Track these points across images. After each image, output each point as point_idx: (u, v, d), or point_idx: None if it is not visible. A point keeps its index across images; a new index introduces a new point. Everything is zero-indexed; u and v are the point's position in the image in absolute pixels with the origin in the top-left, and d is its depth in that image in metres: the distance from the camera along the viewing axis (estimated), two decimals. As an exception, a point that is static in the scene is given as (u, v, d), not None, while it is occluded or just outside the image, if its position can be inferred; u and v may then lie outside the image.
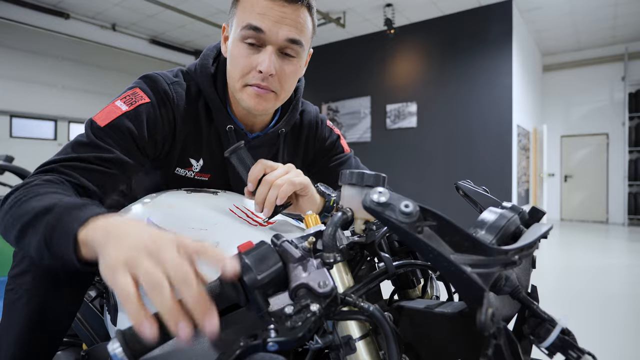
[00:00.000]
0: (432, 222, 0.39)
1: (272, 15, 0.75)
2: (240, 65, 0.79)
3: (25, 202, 0.60)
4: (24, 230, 0.57)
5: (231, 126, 0.87)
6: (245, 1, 0.78)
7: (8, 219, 0.61)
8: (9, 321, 0.78)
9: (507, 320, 0.48)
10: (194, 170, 0.90)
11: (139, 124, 0.78)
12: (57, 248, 0.52)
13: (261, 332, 0.38)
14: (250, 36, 0.76)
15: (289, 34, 0.77)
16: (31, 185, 0.64)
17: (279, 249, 0.44)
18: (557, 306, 3.00)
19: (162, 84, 0.83)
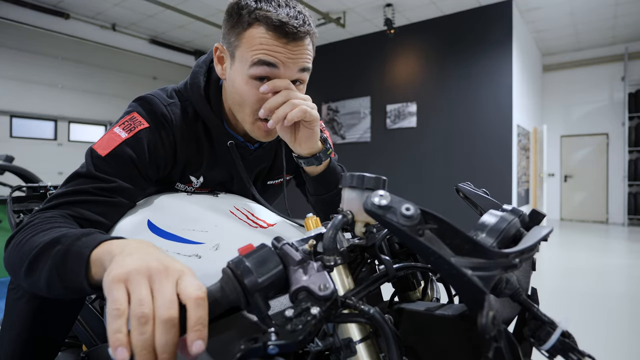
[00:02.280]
0: (433, 224, 0.39)
1: (283, 52, 0.74)
2: (251, 102, 0.78)
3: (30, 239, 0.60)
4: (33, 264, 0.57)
5: (232, 142, 0.87)
6: (252, 36, 0.74)
7: (15, 258, 0.61)
8: (10, 320, 0.78)
9: (507, 322, 0.48)
10: (193, 187, 0.91)
11: (139, 150, 0.77)
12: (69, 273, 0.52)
13: (262, 335, 0.38)
14: (262, 73, 0.75)
15: (300, 65, 0.77)
16: (33, 225, 0.64)
17: (280, 251, 0.44)
18: (557, 306, 3.00)
19: (160, 107, 0.82)
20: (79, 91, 6.83)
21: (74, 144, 6.86)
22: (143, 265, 0.40)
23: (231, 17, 0.77)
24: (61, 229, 0.61)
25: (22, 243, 0.61)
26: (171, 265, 0.41)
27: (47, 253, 0.56)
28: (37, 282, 0.57)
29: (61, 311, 0.79)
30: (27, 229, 0.64)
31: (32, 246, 0.58)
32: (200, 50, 8.17)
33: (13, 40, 5.98)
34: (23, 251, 0.59)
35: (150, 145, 0.79)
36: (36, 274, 0.57)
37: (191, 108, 0.86)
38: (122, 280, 0.39)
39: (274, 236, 0.46)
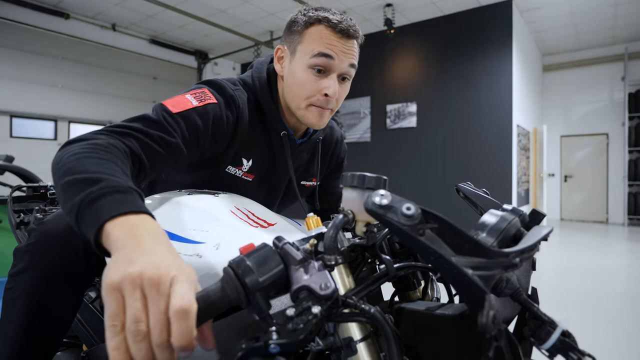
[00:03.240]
0: (434, 224, 0.39)
1: (338, 46, 0.89)
2: (308, 89, 0.91)
3: (83, 158, 0.61)
4: (68, 186, 0.57)
5: (285, 132, 0.99)
6: (313, 33, 0.89)
7: (62, 166, 0.61)
8: (6, 320, 0.78)
9: (507, 322, 0.48)
10: (243, 170, 0.98)
11: (205, 121, 0.84)
12: (85, 223, 0.51)
13: (263, 334, 0.38)
14: (320, 63, 0.88)
15: (350, 60, 0.91)
16: (95, 144, 0.65)
17: (281, 251, 0.44)
18: (557, 306, 3.00)
19: (228, 90, 0.91)
20: (79, 91, 6.83)
21: (74, 144, 6.85)
22: (136, 273, 0.39)
23: (294, 22, 0.94)
24: (113, 165, 0.61)
25: (74, 155, 0.61)
26: (164, 273, 0.40)
27: (82, 186, 0.55)
28: (63, 203, 0.57)
29: (59, 310, 0.79)
30: (88, 143, 0.65)
31: (77, 168, 0.58)
32: (200, 50, 8.16)
33: (13, 40, 5.98)
34: (70, 166, 0.59)
35: (215, 120, 0.86)
36: (65, 196, 0.56)
37: (252, 97, 0.96)
38: (116, 288, 0.39)
39: (275, 235, 0.46)
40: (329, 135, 1.18)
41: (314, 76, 0.90)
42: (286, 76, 0.95)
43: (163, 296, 0.39)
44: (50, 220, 0.78)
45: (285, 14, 6.24)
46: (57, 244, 0.75)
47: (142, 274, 0.39)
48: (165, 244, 0.46)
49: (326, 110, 0.94)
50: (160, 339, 0.37)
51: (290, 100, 0.95)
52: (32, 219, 1.39)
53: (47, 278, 0.76)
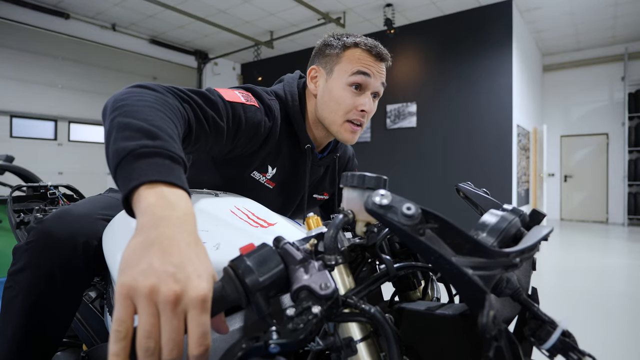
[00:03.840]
0: (434, 224, 0.39)
1: (374, 66, 1.00)
2: (346, 104, 0.99)
3: (151, 108, 0.60)
4: (124, 127, 0.55)
5: (309, 145, 1.05)
6: (351, 53, 0.99)
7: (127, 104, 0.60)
8: (5, 319, 0.78)
9: (507, 322, 0.48)
10: (266, 177, 1.03)
11: (247, 119, 0.90)
12: (123, 174, 0.50)
13: (263, 334, 0.38)
14: (358, 81, 0.98)
15: (382, 80, 1.02)
16: (162, 99, 0.66)
17: (281, 251, 0.44)
18: (557, 306, 3.00)
19: (266, 99, 0.98)
20: (79, 91, 6.83)
21: (74, 144, 6.86)
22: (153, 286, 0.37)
23: (329, 45, 1.03)
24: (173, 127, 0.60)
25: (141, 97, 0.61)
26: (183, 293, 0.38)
27: (138, 134, 0.53)
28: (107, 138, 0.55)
29: (58, 310, 0.79)
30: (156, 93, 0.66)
31: (141, 115, 0.57)
32: (200, 50, 8.16)
33: (13, 40, 5.98)
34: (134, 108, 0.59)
35: (255, 121, 0.91)
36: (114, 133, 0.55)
37: (284, 109, 1.02)
38: (129, 296, 0.38)
39: (275, 235, 0.46)
40: (343, 152, 1.24)
41: (352, 93, 0.98)
42: (321, 94, 1.03)
43: (177, 314, 0.38)
44: (49, 219, 0.78)
45: (285, 14, 6.24)
46: (56, 243, 0.75)
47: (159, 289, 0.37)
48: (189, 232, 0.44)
49: (358, 129, 1.02)
50: (170, 358, 0.37)
51: (326, 117, 1.02)
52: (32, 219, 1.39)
53: (46, 277, 0.75)
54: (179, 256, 0.40)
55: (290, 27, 6.78)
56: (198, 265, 0.40)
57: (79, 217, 0.79)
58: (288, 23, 6.64)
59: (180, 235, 0.42)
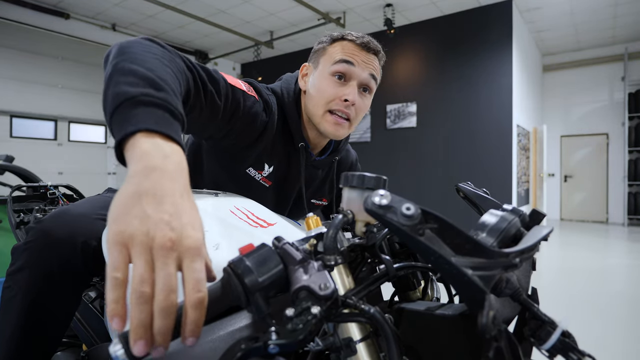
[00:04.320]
0: (434, 224, 0.39)
1: (360, 56, 0.96)
2: (327, 94, 0.95)
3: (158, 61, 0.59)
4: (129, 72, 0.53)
5: (303, 144, 1.02)
6: (336, 45, 0.98)
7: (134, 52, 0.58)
8: (4, 319, 0.78)
9: (507, 322, 0.48)
10: (262, 174, 1.00)
11: (246, 107, 0.88)
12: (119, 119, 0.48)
13: (262, 334, 0.38)
14: (341, 69, 0.94)
15: (370, 71, 0.97)
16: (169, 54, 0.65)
17: (280, 251, 0.44)
18: (557, 306, 3.00)
19: (265, 94, 0.97)
20: (79, 91, 6.83)
21: (74, 144, 6.86)
22: (149, 232, 0.37)
23: (320, 42, 1.02)
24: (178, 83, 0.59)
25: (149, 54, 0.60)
26: (178, 240, 0.38)
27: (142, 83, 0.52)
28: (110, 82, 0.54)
29: (57, 309, 0.79)
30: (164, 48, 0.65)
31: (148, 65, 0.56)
32: (200, 50, 8.16)
33: (13, 40, 5.98)
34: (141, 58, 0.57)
35: (252, 112, 0.90)
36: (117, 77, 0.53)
37: (280, 107, 1.00)
38: (124, 244, 0.37)
39: (275, 236, 0.46)
40: (344, 158, 1.22)
41: (335, 82, 0.95)
42: (308, 88, 1.01)
43: (173, 263, 0.38)
44: (48, 219, 0.78)
45: (285, 14, 6.24)
46: (55, 242, 0.75)
47: (154, 235, 0.37)
48: (182, 185, 0.43)
49: (344, 122, 0.97)
50: (165, 304, 0.36)
51: (310, 110, 0.99)
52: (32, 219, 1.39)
53: (45, 276, 0.75)
54: (173, 206, 0.40)
55: (290, 27, 6.78)
56: (192, 216, 0.41)
57: (77, 217, 0.79)
58: (288, 23, 6.64)
59: (174, 186, 0.42)
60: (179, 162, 0.45)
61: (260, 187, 1.02)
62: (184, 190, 0.43)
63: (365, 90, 0.99)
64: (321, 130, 0.99)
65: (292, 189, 1.08)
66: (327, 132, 0.98)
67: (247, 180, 1.00)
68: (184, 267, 0.38)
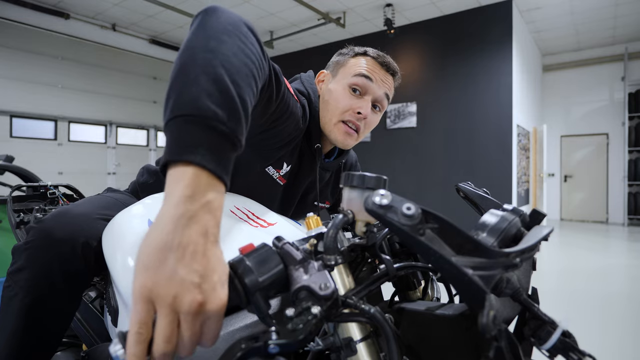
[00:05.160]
0: (434, 224, 0.39)
1: (379, 73, 1.00)
2: (343, 104, 0.98)
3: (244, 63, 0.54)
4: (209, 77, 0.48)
5: (319, 145, 1.04)
6: (358, 59, 1.01)
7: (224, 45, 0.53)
8: (4, 319, 0.78)
9: (507, 322, 0.48)
10: (280, 173, 1.00)
11: (287, 105, 0.85)
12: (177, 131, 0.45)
13: (262, 334, 0.38)
14: (359, 83, 0.98)
15: (385, 90, 1.01)
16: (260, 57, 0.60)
17: (280, 251, 0.44)
18: (557, 306, 3.00)
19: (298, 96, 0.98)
20: (79, 91, 6.83)
21: (74, 144, 6.86)
22: (177, 295, 0.37)
23: (341, 53, 1.06)
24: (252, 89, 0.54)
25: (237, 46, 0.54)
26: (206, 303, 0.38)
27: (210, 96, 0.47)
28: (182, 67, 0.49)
29: (57, 309, 0.79)
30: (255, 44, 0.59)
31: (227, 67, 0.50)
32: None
33: (13, 40, 5.98)
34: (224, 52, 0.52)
35: (292, 113, 0.89)
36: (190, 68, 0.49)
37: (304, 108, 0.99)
38: (150, 300, 0.38)
39: (275, 235, 0.46)
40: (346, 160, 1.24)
41: (351, 94, 0.98)
42: (323, 95, 1.03)
43: (197, 324, 0.39)
44: (48, 219, 0.78)
45: (285, 14, 6.24)
46: (56, 242, 0.75)
47: (183, 299, 0.37)
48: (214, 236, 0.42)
49: (354, 133, 1.00)
50: (185, 354, 0.39)
51: (323, 116, 1.02)
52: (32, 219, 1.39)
53: (45, 276, 0.75)
54: (204, 264, 0.39)
55: (290, 27, 6.78)
56: (221, 272, 0.40)
57: (78, 216, 0.79)
58: (288, 23, 6.64)
59: (205, 239, 0.40)
60: (216, 210, 0.43)
61: (274, 185, 1.00)
62: (215, 241, 0.42)
63: (377, 108, 1.03)
64: (331, 138, 1.01)
65: (300, 188, 1.08)
66: (336, 141, 1.01)
67: (264, 177, 0.97)
68: (205, 326, 0.40)
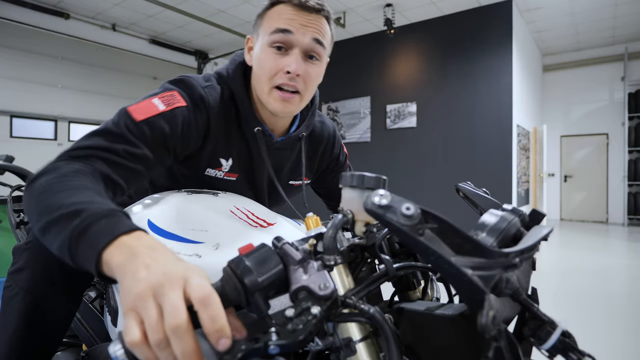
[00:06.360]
0: (433, 224, 0.39)
1: (298, 20, 0.84)
2: (268, 67, 0.85)
3: (55, 193, 0.58)
4: (48, 227, 0.55)
5: (259, 128, 0.91)
6: (272, 11, 0.86)
7: (35, 207, 0.58)
8: (5, 319, 0.78)
9: (507, 322, 0.48)
10: (223, 170, 0.93)
11: (173, 125, 0.79)
12: (80, 258, 0.51)
13: (262, 335, 0.38)
14: (279, 40, 0.84)
15: (314, 35, 0.85)
16: (62, 175, 0.61)
17: (280, 251, 0.44)
18: (557, 306, 3.00)
19: (197, 89, 0.86)
20: (79, 91, 6.83)
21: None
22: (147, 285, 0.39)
23: (261, 10, 0.90)
24: (86, 191, 0.58)
25: (44, 193, 0.58)
26: (173, 273, 0.40)
27: (64, 223, 0.53)
28: (49, 244, 0.55)
29: (58, 309, 0.79)
30: (55, 175, 0.61)
31: (53, 206, 0.55)
32: (200, 50, 8.16)
33: (13, 40, 5.97)
34: (43, 206, 0.57)
35: (184, 123, 0.81)
36: (49, 238, 0.55)
37: (228, 92, 0.90)
38: (130, 309, 0.39)
39: (274, 235, 0.46)
40: (318, 131, 1.09)
41: (275, 54, 0.85)
42: (253, 64, 0.90)
43: (175, 291, 0.38)
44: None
45: (285, 14, 6.23)
46: (56, 243, 0.75)
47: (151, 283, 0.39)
48: (165, 253, 0.45)
49: (293, 96, 0.87)
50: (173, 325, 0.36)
51: (257, 88, 0.89)
52: (32, 219, 1.39)
53: (46, 277, 0.76)
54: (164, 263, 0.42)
55: (290, 27, 6.78)
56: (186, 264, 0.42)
57: (78, 217, 0.79)
58: (288, 23, 6.63)
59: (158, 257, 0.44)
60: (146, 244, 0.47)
61: (226, 183, 0.94)
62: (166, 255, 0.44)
63: (313, 58, 0.87)
64: (270, 109, 0.89)
65: (261, 177, 1.00)
66: (275, 111, 0.88)
67: (210, 181, 0.93)
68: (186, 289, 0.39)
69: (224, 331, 0.36)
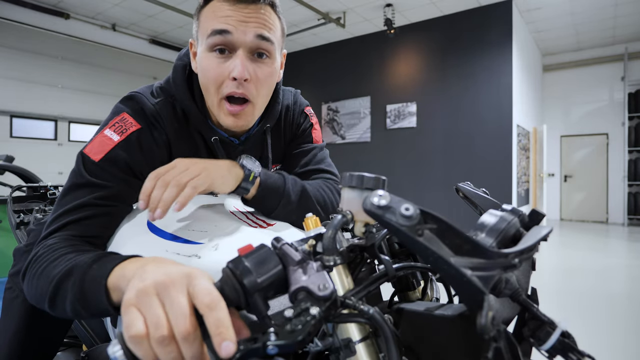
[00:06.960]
0: (433, 225, 0.39)
1: (236, 16, 0.71)
2: (213, 76, 0.74)
3: (42, 273, 0.61)
4: (53, 299, 0.58)
5: (216, 137, 0.81)
6: (207, 10, 0.74)
7: (35, 293, 0.62)
8: (6, 320, 0.78)
9: (507, 322, 0.48)
10: None
11: (133, 152, 0.74)
12: (91, 302, 0.53)
13: (261, 335, 0.38)
14: (218, 42, 0.72)
15: (257, 31, 0.72)
16: (40, 257, 0.64)
17: (279, 251, 0.44)
18: (557, 306, 3.00)
19: (149, 106, 0.78)
20: (79, 91, 6.83)
21: (74, 144, 6.86)
22: (149, 283, 0.39)
23: (196, 8, 0.78)
24: (69, 256, 0.61)
25: (36, 277, 0.62)
26: (177, 274, 0.40)
27: (64, 286, 0.56)
28: (64, 313, 0.58)
29: None
30: (36, 262, 0.64)
31: (47, 281, 0.59)
32: (200, 50, 8.16)
33: (13, 40, 5.98)
34: (40, 287, 0.60)
35: (144, 146, 0.76)
36: (60, 307, 0.58)
37: (178, 104, 0.81)
38: (132, 304, 0.38)
39: (274, 236, 0.46)
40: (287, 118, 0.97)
41: (217, 59, 0.73)
42: (198, 72, 0.79)
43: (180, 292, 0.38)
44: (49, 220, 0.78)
45: (285, 14, 6.23)
46: (56, 244, 0.75)
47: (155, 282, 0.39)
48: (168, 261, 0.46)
49: (242, 108, 0.76)
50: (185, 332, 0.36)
51: (207, 100, 0.79)
52: (32, 219, 1.39)
53: None
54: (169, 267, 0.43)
55: (290, 27, 6.78)
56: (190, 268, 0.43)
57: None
58: (288, 23, 6.63)
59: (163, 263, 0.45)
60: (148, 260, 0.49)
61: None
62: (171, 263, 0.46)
63: (263, 56, 0.75)
64: (222, 124, 0.79)
65: None
66: (227, 126, 0.78)
67: None
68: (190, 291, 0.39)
69: (228, 335, 0.37)
